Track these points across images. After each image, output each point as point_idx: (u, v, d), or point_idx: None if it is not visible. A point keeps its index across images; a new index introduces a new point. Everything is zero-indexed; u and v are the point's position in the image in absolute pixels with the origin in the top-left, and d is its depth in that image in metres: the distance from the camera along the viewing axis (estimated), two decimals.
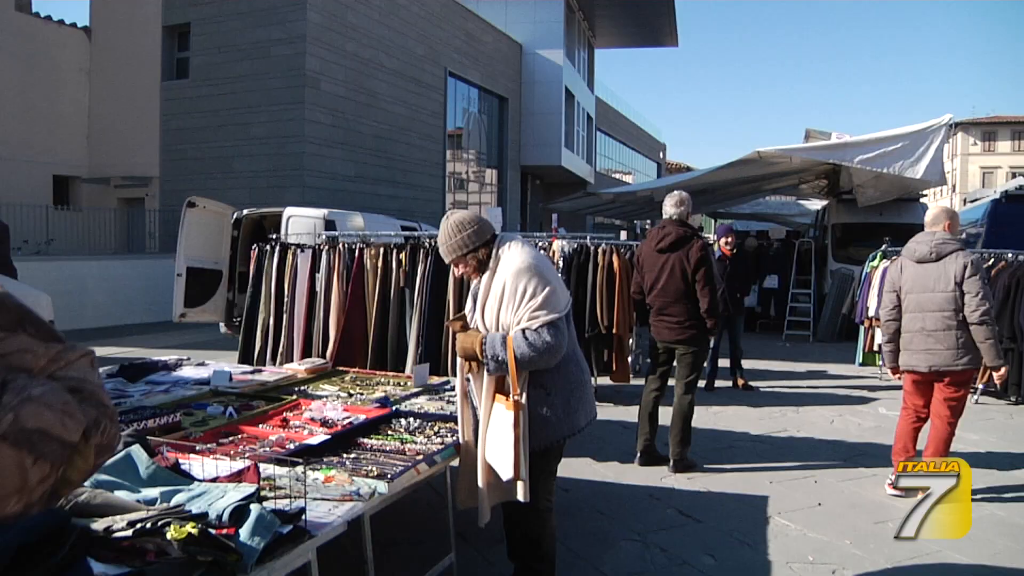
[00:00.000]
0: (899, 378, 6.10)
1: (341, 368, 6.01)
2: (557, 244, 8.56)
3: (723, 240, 10.09)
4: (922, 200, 16.63)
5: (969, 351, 5.72)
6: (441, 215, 3.75)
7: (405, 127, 22.47)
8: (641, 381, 7.00)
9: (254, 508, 2.43)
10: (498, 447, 3.39)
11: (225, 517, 2.37)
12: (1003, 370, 5.89)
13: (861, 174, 13.72)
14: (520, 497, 3.43)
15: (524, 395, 3.38)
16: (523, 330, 3.36)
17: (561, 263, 8.37)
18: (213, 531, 2.29)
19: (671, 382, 6.54)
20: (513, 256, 3.46)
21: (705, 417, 8.11)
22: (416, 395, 5.02)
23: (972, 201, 22.12)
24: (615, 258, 8.52)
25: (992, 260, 9.90)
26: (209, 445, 3.58)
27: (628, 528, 5.18)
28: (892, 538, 5.10)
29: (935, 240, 5.88)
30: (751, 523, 5.35)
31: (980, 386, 9.50)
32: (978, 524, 5.48)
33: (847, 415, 8.71)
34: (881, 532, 5.26)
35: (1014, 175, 31.91)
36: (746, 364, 10.42)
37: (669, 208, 6.44)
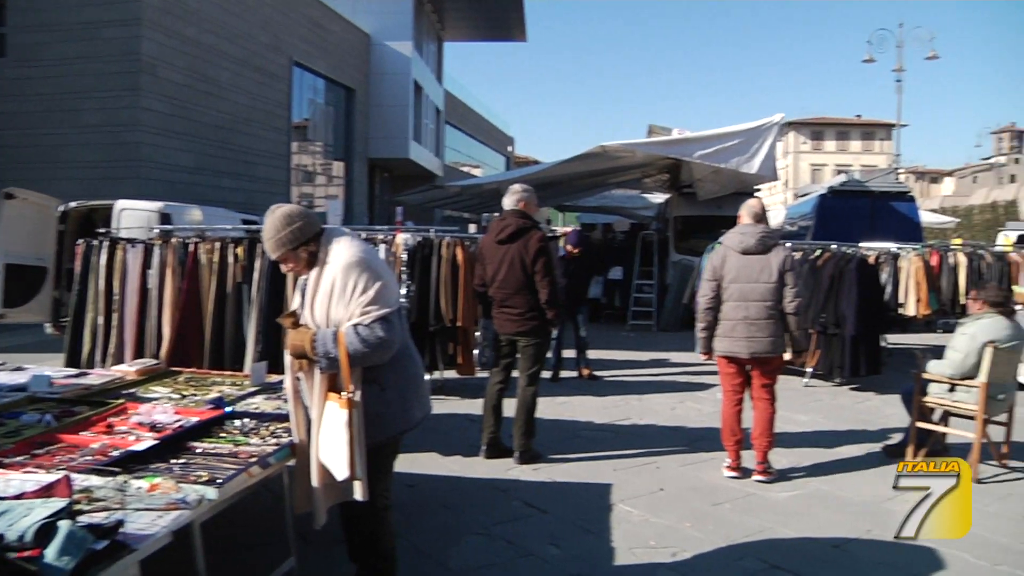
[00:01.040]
0: (707, 359, 6.38)
1: (175, 369, 5.74)
2: (400, 237, 8.46)
3: (570, 245, 10.25)
4: (757, 194, 17.38)
5: (782, 338, 6.14)
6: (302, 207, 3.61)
7: (249, 117, 21.73)
8: (487, 374, 7.01)
9: (63, 525, 2.23)
10: (332, 446, 3.30)
11: (29, 537, 2.17)
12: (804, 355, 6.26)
13: (701, 169, 14.18)
14: (358, 496, 3.35)
15: (358, 392, 3.30)
16: (355, 325, 3.27)
17: (405, 257, 8.28)
18: (13, 555, 2.10)
19: (515, 374, 6.56)
20: (342, 251, 3.37)
21: (550, 408, 8.20)
22: (253, 395, 4.84)
23: (801, 196, 23.29)
24: (459, 251, 8.50)
25: (819, 252, 10.43)
26: (20, 457, 3.33)
27: (474, 521, 5.17)
28: (728, 518, 5.35)
29: (761, 233, 6.17)
30: (595, 511, 5.43)
31: (809, 370, 10.02)
32: (804, 499, 5.81)
33: (688, 402, 9.01)
34: (718, 513, 5.46)
35: (839, 172, 33.83)
36: (591, 354, 10.61)
37: (510, 200, 6.46)
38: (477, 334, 9.16)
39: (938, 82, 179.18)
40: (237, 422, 4.06)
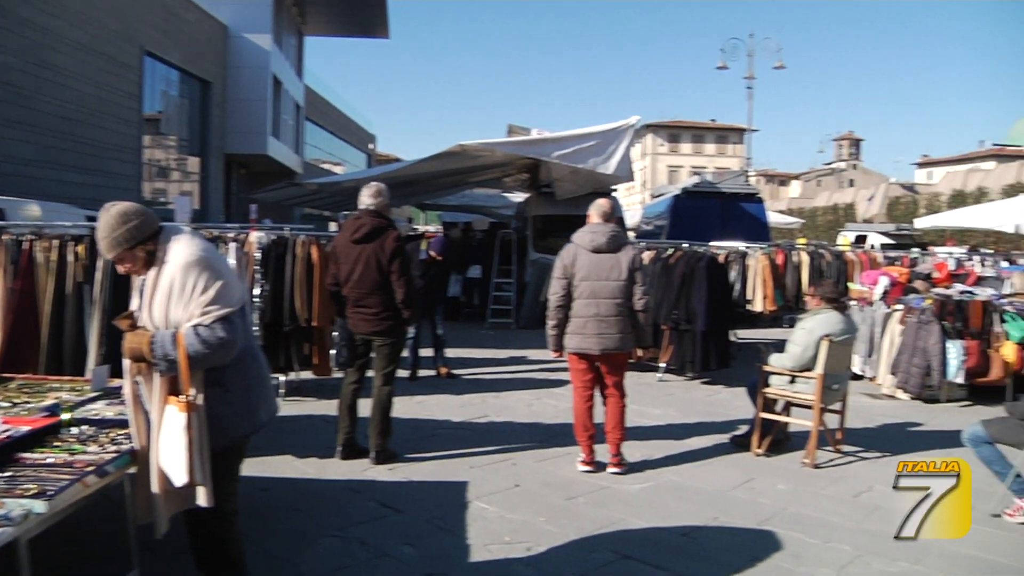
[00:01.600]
0: (558, 356, 6.51)
1: (6, 375, 5.41)
2: (254, 236, 8.27)
3: (434, 252, 10.22)
4: (614, 194, 17.77)
5: (631, 334, 6.33)
6: (139, 204, 3.44)
7: (96, 108, 20.58)
8: (344, 374, 6.92)
9: None
10: (173, 452, 3.18)
11: None
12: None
13: (559, 169, 14.41)
14: (202, 502, 3.25)
15: (199, 395, 3.20)
16: (195, 326, 3.17)
17: (259, 256, 8.10)
18: None
19: (371, 373, 6.51)
20: (181, 249, 3.25)
21: (408, 407, 8.18)
22: (94, 400, 4.62)
23: (656, 196, 23.98)
24: (314, 250, 8.37)
25: (671, 251, 10.77)
26: None
27: (328, 524, 5.10)
28: (582, 511, 5.46)
29: (611, 231, 6.34)
30: (451, 509, 5.45)
31: (663, 365, 10.33)
32: (656, 490, 6.00)
33: (545, 398, 9.15)
34: (572, 507, 5.58)
35: (695, 174, 35.06)
36: (449, 353, 10.63)
37: (366, 199, 6.41)
38: (335, 334, 9.05)
39: (786, 90, 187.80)
40: (75, 430, 3.87)
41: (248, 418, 3.44)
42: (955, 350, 9.28)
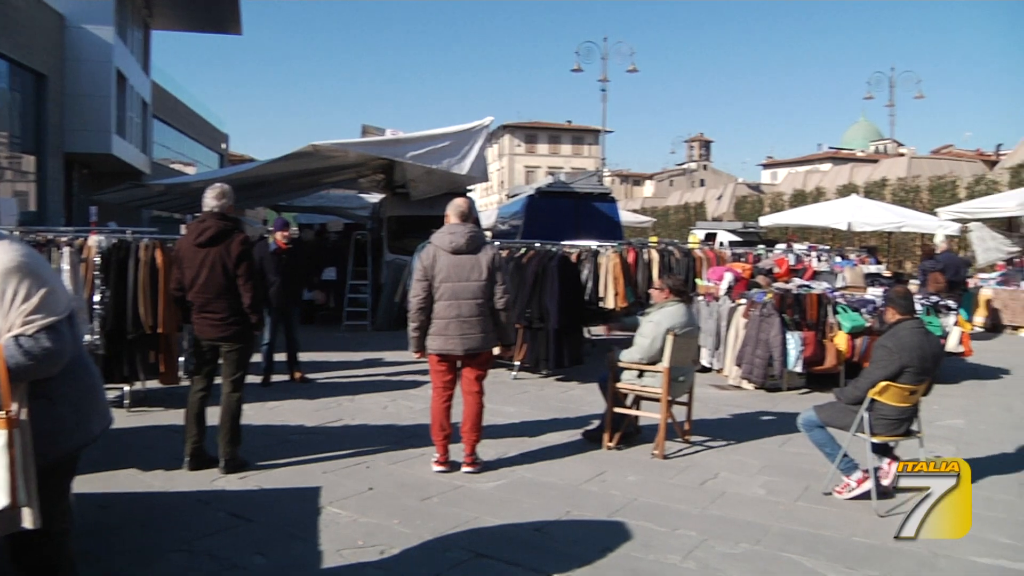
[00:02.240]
0: (420, 357, 6.48)
1: None
2: (93, 240, 7.90)
3: (279, 234, 10.03)
4: (469, 195, 17.85)
5: (493, 334, 6.40)
6: None
7: None
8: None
9: None
10: None
11: None
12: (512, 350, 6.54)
13: (413, 169, 14.36)
14: (28, 524, 3.07)
15: (22, 409, 3.02)
16: (16, 337, 2.98)
17: (98, 260, 7.74)
18: None
19: (220, 380, 6.33)
20: (0, 256, 3.06)
21: (260, 413, 8.02)
22: None
23: (512, 196, 24.21)
24: (159, 254, 8.07)
25: (524, 250, 10.91)
26: None
27: (175, 538, 4.93)
28: (436, 512, 5.46)
29: (470, 232, 6.37)
30: (303, 516, 5.37)
31: (517, 363, 10.45)
32: (509, 488, 6.08)
33: (400, 399, 9.11)
34: (426, 507, 5.59)
35: (550, 174, 35.63)
36: (304, 356, 10.47)
37: (210, 200, 6.23)
38: (184, 341, 8.74)
39: (640, 93, 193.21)
40: None
41: (79, 430, 3.27)
42: (794, 341, 9.78)
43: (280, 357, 9.99)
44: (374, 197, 21.92)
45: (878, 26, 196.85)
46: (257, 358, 8.71)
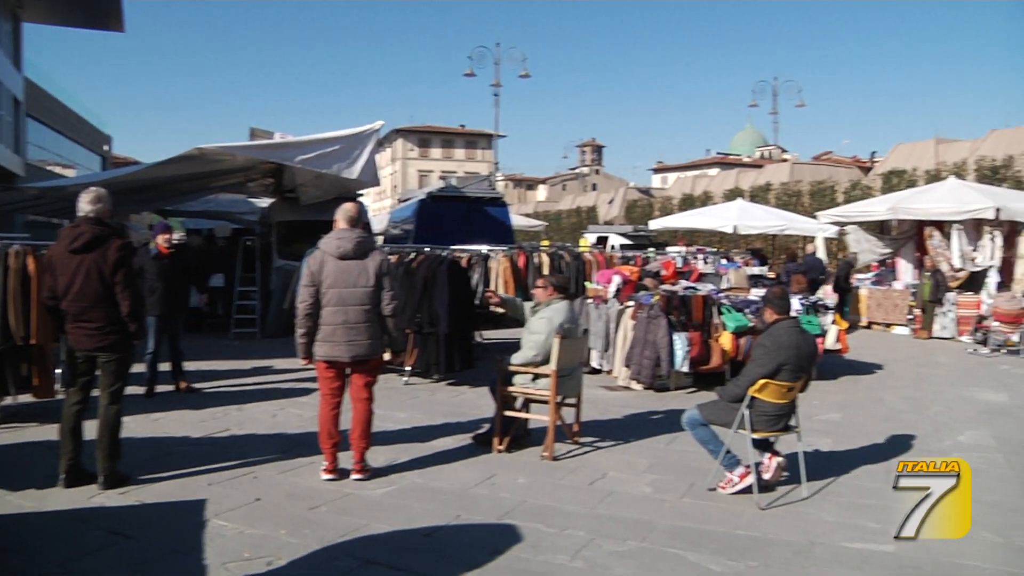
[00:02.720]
0: (307, 364, 6.40)
1: None
2: None
3: (160, 238, 9.70)
4: (360, 199, 17.67)
5: (381, 339, 6.38)
6: None
7: None
8: None
9: None
10: None
11: None
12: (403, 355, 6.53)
13: (303, 174, 14.14)
14: None
15: None
16: None
17: None
18: None
19: (97, 392, 6.10)
20: None
21: (143, 425, 7.79)
22: None
23: (403, 201, 24.10)
24: (31, 261, 7.74)
25: (413, 254, 10.88)
26: None
27: (49, 560, 4.74)
28: (325, 520, 5.40)
29: (358, 237, 6.33)
30: (187, 530, 5.24)
31: (408, 368, 10.41)
32: (399, 493, 6.09)
33: (289, 407, 8.96)
34: (315, 516, 5.53)
35: (442, 178, 35.67)
36: (192, 365, 10.21)
37: (84, 205, 5.99)
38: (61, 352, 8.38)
39: (533, 98, 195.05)
40: None
41: None
42: (680, 342, 10.04)
43: (165, 367, 9.68)
44: (264, 201, 21.48)
45: (764, 36, 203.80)
46: (141, 368, 8.45)
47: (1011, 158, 23.59)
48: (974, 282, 17.35)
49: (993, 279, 16.98)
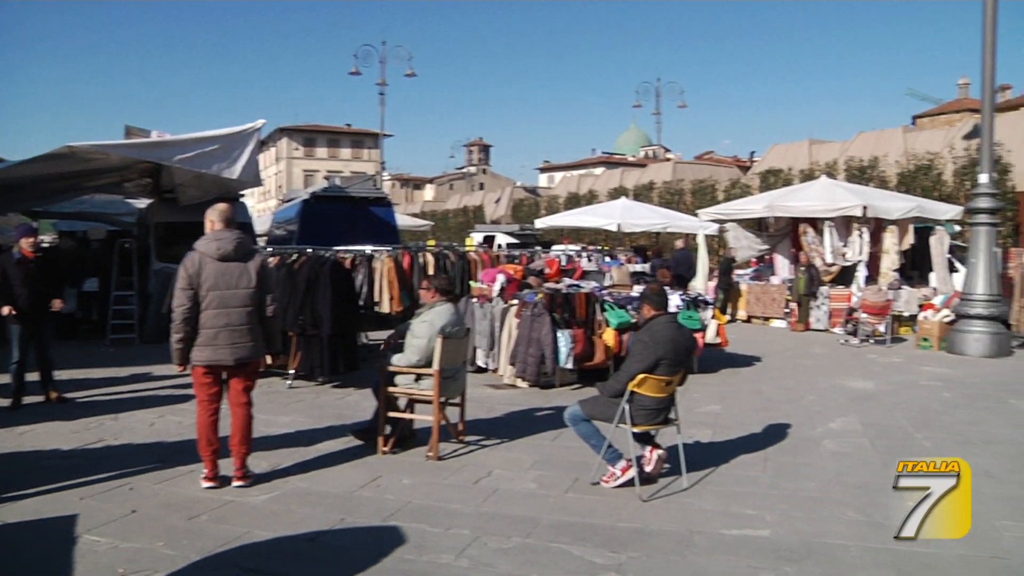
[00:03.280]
0: (183, 371, 6.24)
1: None
2: None
3: (24, 241, 9.24)
4: (242, 200, 17.26)
5: (263, 342, 6.31)
6: None
7: None
8: None
9: None
10: None
11: None
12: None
13: (182, 174, 13.74)
14: None
15: None
16: None
17: None
18: None
19: None
20: None
21: (9, 438, 7.48)
22: None
23: (287, 201, 23.72)
24: None
25: (295, 255, 10.72)
26: None
27: None
28: (205, 530, 5.28)
29: (237, 238, 6.21)
30: (56, 549, 5.03)
31: (292, 371, 10.24)
32: (283, 499, 6.03)
33: (168, 415, 8.70)
34: (194, 526, 5.41)
35: (327, 178, 35.17)
36: (64, 374, 9.82)
37: None
38: None
39: (420, 97, 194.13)
40: None
41: None
42: (564, 339, 10.18)
43: (33, 376, 9.24)
44: (142, 202, 20.79)
45: (647, 38, 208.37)
46: (5, 379, 8.08)
47: (876, 159, 24.85)
48: (845, 276, 18.21)
49: (862, 273, 17.84)
